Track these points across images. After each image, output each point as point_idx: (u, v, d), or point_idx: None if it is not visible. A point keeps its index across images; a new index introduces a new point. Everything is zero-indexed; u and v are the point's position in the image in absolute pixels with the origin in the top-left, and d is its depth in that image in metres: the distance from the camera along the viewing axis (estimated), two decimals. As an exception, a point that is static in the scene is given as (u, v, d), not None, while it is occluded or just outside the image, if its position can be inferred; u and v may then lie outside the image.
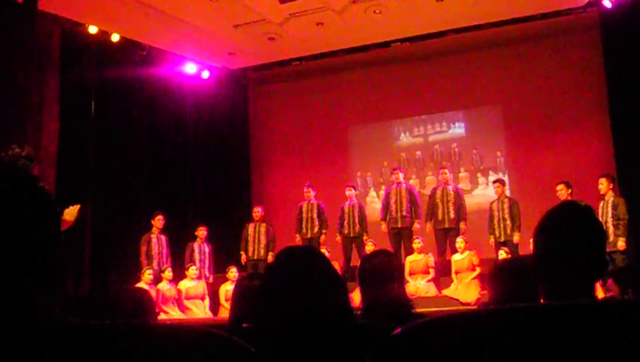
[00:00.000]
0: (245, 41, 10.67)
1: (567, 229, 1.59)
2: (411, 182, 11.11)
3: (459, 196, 9.41)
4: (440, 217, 9.31)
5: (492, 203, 9.19)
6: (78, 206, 4.71)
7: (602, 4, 9.61)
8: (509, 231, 8.78)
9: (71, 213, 4.71)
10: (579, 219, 1.61)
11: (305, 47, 11.16)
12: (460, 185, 10.67)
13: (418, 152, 11.92)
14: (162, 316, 8.40)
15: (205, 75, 11.76)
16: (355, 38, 10.81)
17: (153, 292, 7.97)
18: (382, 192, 11.68)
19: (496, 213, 8.98)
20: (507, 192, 9.54)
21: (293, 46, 10.98)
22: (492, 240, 8.96)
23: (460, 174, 11.48)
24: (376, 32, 10.56)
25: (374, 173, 12.13)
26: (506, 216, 8.85)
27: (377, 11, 9.78)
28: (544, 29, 10.63)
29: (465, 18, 10.18)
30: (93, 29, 9.55)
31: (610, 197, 7.99)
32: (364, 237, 9.52)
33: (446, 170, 9.70)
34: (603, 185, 8.05)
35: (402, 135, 12.11)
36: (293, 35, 10.47)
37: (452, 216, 9.25)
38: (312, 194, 10.01)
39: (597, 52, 10.13)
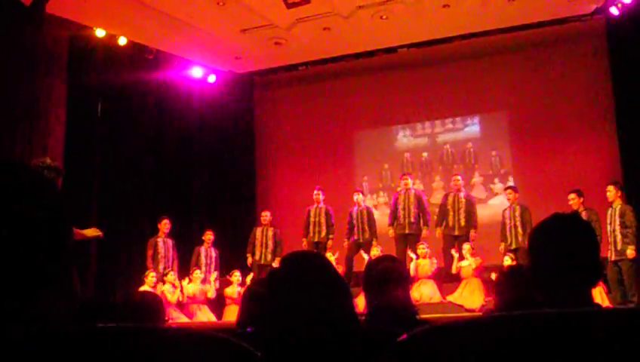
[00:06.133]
0: (252, 45, 10.69)
1: (559, 239, 1.61)
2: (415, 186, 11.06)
3: (470, 203, 9.40)
4: (451, 224, 9.30)
5: (504, 210, 9.17)
6: (101, 234, 5.08)
7: (609, 11, 9.60)
8: (520, 238, 8.73)
9: (92, 232, 5.04)
10: (569, 229, 1.63)
11: (311, 52, 11.18)
12: (474, 193, 10.66)
13: (425, 154, 11.79)
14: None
15: (212, 79, 11.78)
16: (362, 43, 10.82)
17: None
18: (381, 198, 11.62)
19: (508, 221, 8.93)
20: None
21: (299, 51, 11.00)
22: (502, 247, 8.91)
23: (474, 179, 11.34)
24: (383, 37, 10.57)
25: (374, 178, 12.04)
26: (518, 223, 8.81)
27: (384, 17, 9.79)
28: (551, 36, 10.62)
29: (471, 24, 10.18)
30: (100, 33, 9.59)
31: (617, 205, 7.93)
32: (374, 243, 9.48)
33: (458, 177, 9.68)
34: (611, 192, 8.00)
35: (406, 139, 12.04)
36: (300, 40, 10.49)
37: (462, 223, 9.24)
38: (322, 197, 9.98)
39: (604, 59, 10.12)
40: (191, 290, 9.24)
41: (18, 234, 0.88)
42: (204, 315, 9.14)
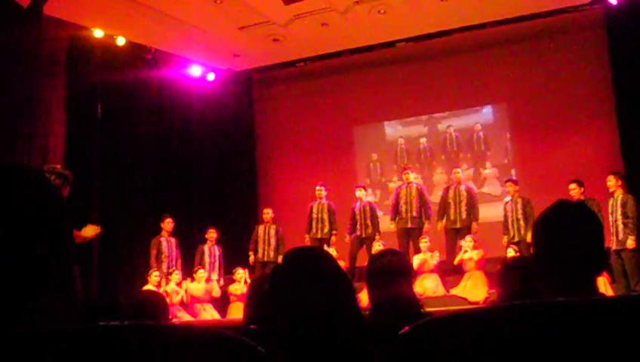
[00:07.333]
0: (250, 42, 10.68)
1: (563, 227, 1.60)
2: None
3: (471, 196, 9.41)
4: (452, 217, 9.32)
5: (506, 203, 9.17)
6: (100, 229, 4.83)
7: (607, 0, 9.57)
8: (522, 231, 8.73)
9: (92, 230, 4.84)
10: (573, 216, 1.63)
11: (309, 48, 11.16)
12: (486, 189, 10.60)
13: (423, 140, 11.71)
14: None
15: (210, 77, 11.78)
16: (360, 38, 10.80)
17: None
18: (370, 198, 11.47)
19: (510, 214, 8.93)
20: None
21: (297, 47, 10.98)
22: (505, 240, 8.92)
23: (485, 171, 11.19)
24: (381, 31, 10.55)
25: (362, 174, 11.94)
26: (520, 216, 8.81)
27: (381, 11, 9.77)
28: (549, 27, 10.58)
29: (469, 17, 10.16)
30: (99, 33, 9.58)
31: (619, 195, 7.92)
32: (377, 237, 9.49)
33: (459, 170, 9.69)
34: (611, 182, 7.99)
35: (393, 130, 11.95)
36: (298, 36, 10.47)
37: (464, 216, 9.25)
38: (324, 193, 9.96)
39: (603, 49, 10.10)
40: (195, 289, 9.25)
41: (19, 234, 0.88)
42: (208, 314, 9.15)
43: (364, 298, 3.37)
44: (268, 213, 10.14)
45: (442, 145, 11.63)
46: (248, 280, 9.34)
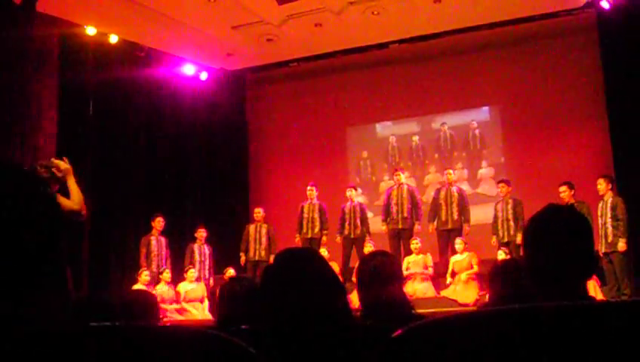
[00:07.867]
0: (243, 42, 10.67)
1: (553, 231, 1.61)
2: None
3: (462, 197, 9.43)
4: (443, 218, 9.33)
5: (496, 204, 9.19)
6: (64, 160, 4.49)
7: (600, 4, 9.62)
8: (511, 231, 8.76)
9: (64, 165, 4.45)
10: (563, 220, 1.63)
11: (303, 49, 11.16)
12: (481, 190, 10.61)
13: (415, 138, 11.71)
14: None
15: (203, 76, 11.76)
16: (353, 39, 10.81)
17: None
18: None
19: (500, 214, 8.96)
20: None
21: (291, 47, 10.98)
22: (494, 240, 8.95)
23: (481, 171, 11.10)
24: (374, 33, 10.56)
25: (352, 174, 11.96)
26: (510, 216, 8.84)
27: (375, 12, 9.79)
28: (542, 30, 10.64)
29: (463, 19, 10.19)
30: (91, 31, 9.54)
31: (609, 198, 7.97)
32: (367, 238, 9.50)
33: (451, 171, 9.71)
34: (602, 185, 8.03)
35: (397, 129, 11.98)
36: (291, 37, 10.47)
37: (455, 217, 9.27)
38: (315, 193, 9.96)
39: (595, 52, 10.15)
40: (185, 289, 9.23)
41: (11, 235, 0.87)
42: (200, 313, 9.13)
43: (355, 299, 3.38)
44: (259, 213, 10.13)
45: (436, 144, 11.61)
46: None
